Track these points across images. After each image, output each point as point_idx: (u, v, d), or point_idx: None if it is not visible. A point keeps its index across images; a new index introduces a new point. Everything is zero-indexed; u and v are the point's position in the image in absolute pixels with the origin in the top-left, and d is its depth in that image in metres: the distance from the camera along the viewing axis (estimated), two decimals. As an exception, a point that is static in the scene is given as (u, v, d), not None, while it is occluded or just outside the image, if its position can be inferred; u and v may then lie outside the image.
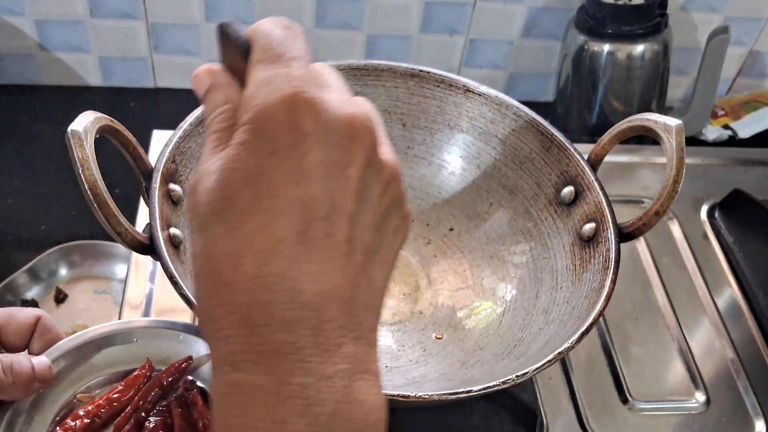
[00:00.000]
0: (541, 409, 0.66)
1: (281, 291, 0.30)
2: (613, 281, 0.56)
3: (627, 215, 0.61)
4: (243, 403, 0.31)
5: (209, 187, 0.31)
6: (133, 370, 0.56)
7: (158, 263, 0.52)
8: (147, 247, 0.51)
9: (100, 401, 0.54)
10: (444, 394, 0.48)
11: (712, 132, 1.10)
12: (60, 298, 0.87)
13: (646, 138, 0.61)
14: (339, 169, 0.32)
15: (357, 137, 0.32)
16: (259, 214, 0.31)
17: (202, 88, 0.35)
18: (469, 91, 0.67)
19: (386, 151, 0.34)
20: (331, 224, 0.31)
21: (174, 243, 0.54)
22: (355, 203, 0.32)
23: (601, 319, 0.73)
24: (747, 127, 1.11)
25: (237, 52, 0.34)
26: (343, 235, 0.32)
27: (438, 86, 0.68)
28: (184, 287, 0.49)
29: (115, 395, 0.55)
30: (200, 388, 0.56)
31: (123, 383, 0.55)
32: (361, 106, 0.33)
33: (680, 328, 0.75)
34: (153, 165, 0.56)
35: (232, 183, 0.31)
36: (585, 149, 0.64)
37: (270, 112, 0.31)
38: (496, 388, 0.49)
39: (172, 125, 0.60)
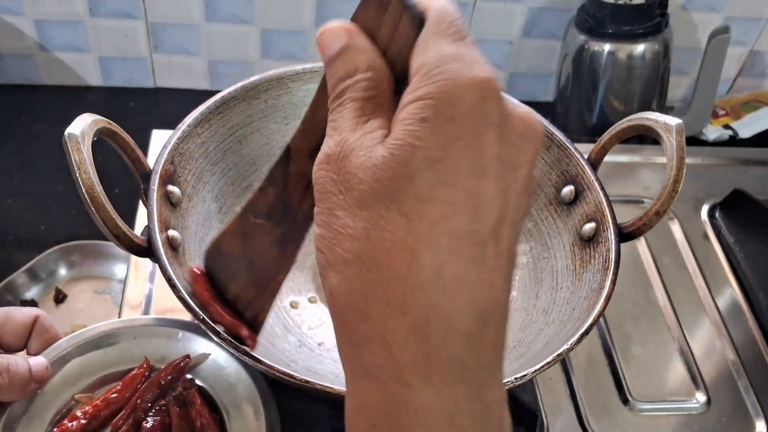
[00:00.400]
0: (542, 409, 0.66)
1: (461, 298, 0.27)
2: (614, 281, 0.55)
3: (627, 215, 0.60)
4: (408, 424, 0.27)
5: (377, 162, 0.28)
6: (132, 369, 0.56)
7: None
8: (145, 249, 0.51)
9: (98, 402, 0.54)
10: (443, 395, 0.48)
11: (713, 132, 1.09)
12: (59, 298, 0.87)
13: (647, 138, 0.61)
14: (512, 169, 0.29)
15: (529, 138, 0.30)
16: (439, 203, 0.27)
17: (334, 46, 0.32)
18: (469, 91, 0.67)
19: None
20: (502, 228, 0.28)
21: (172, 245, 0.53)
22: (516, 210, 0.29)
23: (601, 319, 0.73)
24: (747, 126, 1.11)
25: (400, 16, 0.30)
26: (507, 243, 0.29)
27: (438, 86, 0.68)
28: (182, 290, 0.49)
29: (113, 395, 0.55)
30: (199, 386, 0.56)
31: (121, 383, 0.55)
32: (532, 111, 0.31)
33: (681, 328, 0.75)
34: (151, 167, 0.56)
35: (413, 163, 0.27)
36: (585, 149, 0.64)
37: (460, 92, 0.27)
38: (495, 389, 0.49)
39: (172, 125, 0.60)
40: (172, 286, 0.49)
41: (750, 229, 0.83)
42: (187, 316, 0.68)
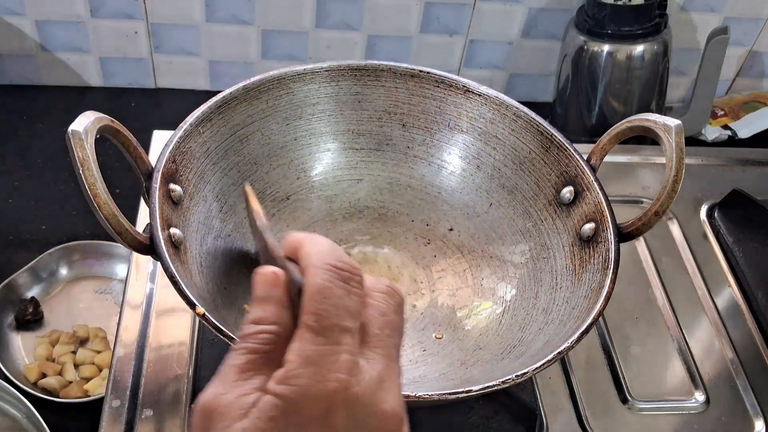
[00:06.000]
0: (541, 408, 0.66)
1: None
2: (613, 281, 0.56)
3: (626, 215, 0.61)
4: None
5: None
6: None
7: (158, 263, 0.52)
8: (147, 247, 0.51)
9: None
10: (444, 393, 0.48)
11: (712, 132, 1.10)
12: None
13: (646, 138, 0.61)
14: None
15: None
16: None
17: (260, 290, 0.34)
18: (469, 91, 0.67)
19: None
20: None
21: (174, 243, 0.54)
22: None
23: (600, 319, 0.73)
24: (746, 127, 1.11)
25: (293, 285, 0.33)
26: None
27: (438, 86, 0.68)
28: (184, 287, 0.49)
29: None
30: None
31: None
32: (397, 399, 0.32)
33: (680, 327, 0.75)
34: (153, 165, 0.56)
35: None
36: (584, 149, 0.64)
37: (307, 403, 0.30)
38: (495, 387, 0.49)
39: (173, 125, 0.60)
40: (174, 283, 0.49)
41: (749, 229, 0.83)
42: (188, 318, 0.68)
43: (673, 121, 0.57)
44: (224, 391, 0.31)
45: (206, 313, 0.49)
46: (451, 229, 0.70)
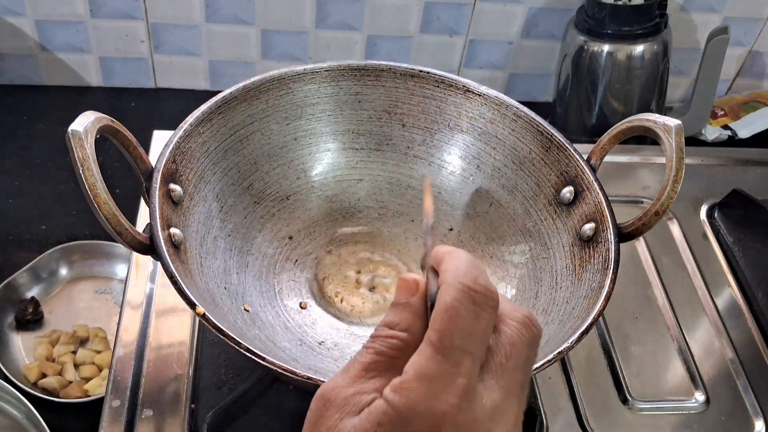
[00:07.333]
0: (541, 408, 0.66)
1: None
2: (613, 281, 0.56)
3: (626, 215, 0.61)
4: None
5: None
6: None
7: (158, 263, 0.52)
8: (147, 247, 0.51)
9: None
10: (444, 393, 0.48)
11: (712, 132, 1.10)
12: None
13: (646, 138, 0.61)
14: None
15: None
16: None
17: (399, 295, 0.35)
18: (469, 91, 0.67)
19: None
20: None
21: (174, 243, 0.54)
22: None
23: (600, 319, 0.73)
24: (746, 127, 1.11)
25: (430, 297, 0.34)
26: None
27: (438, 86, 0.68)
28: (184, 287, 0.49)
29: None
30: None
31: None
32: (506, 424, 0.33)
33: (680, 327, 0.75)
34: (153, 165, 0.56)
35: None
36: (584, 149, 0.64)
37: (414, 418, 0.30)
38: (495, 387, 0.49)
39: (173, 125, 0.60)
40: (174, 282, 0.49)
41: (749, 229, 0.83)
42: (188, 318, 0.68)
43: (673, 121, 0.57)
44: (345, 385, 0.32)
45: (206, 313, 0.49)
46: (451, 229, 0.70)
